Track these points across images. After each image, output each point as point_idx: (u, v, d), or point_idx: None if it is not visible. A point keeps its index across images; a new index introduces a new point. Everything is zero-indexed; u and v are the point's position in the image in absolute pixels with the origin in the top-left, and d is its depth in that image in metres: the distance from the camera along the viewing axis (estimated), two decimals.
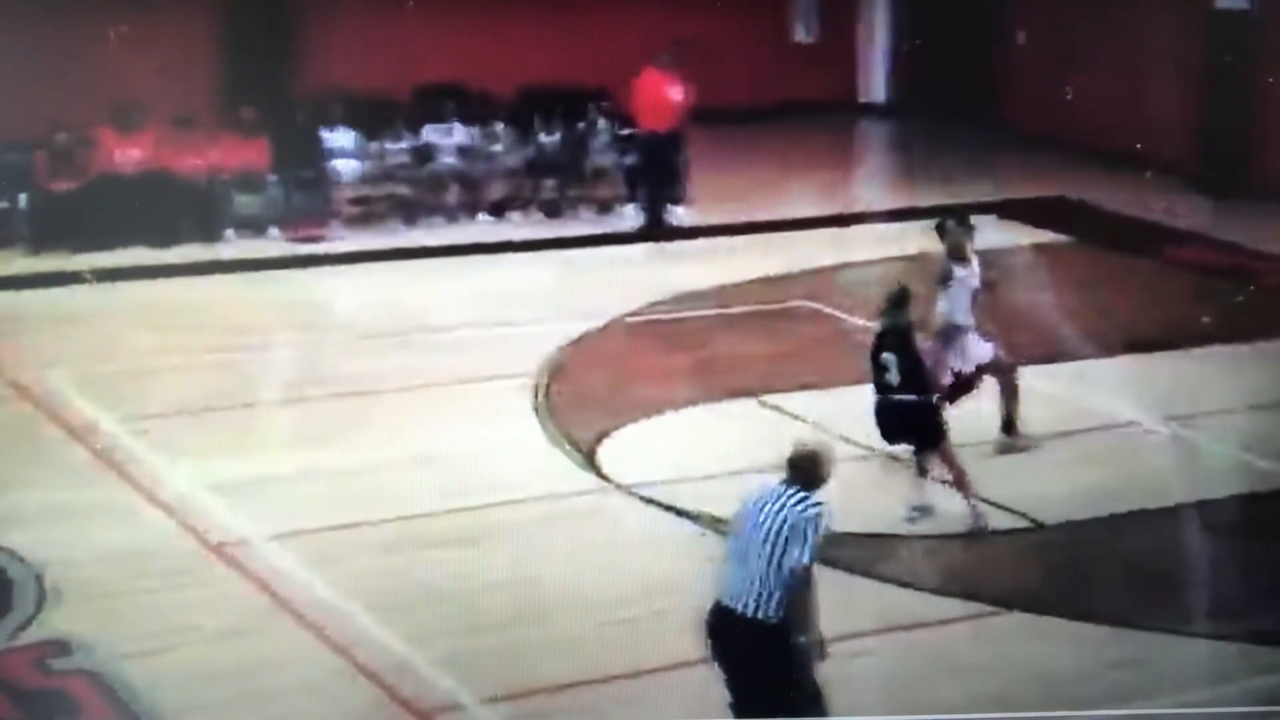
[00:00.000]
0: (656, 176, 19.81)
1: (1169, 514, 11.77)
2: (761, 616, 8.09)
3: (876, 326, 11.91)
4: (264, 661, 9.83)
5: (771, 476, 8.40)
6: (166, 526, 11.56)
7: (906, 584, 10.85)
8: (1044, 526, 11.71)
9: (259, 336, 15.37)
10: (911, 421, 11.68)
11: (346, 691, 9.56)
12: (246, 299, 16.82)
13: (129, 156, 18.60)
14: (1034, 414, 13.04)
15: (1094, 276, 17.78)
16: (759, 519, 8.16)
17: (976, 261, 12.79)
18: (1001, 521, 11.70)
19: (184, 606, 10.45)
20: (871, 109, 25.92)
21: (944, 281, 12.55)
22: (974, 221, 13.11)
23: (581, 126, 20.46)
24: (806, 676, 8.23)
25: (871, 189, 22.52)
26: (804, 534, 8.08)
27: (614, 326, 16.03)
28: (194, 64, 20.71)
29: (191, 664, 9.76)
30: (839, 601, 8.94)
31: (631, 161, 20.18)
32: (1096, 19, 22.35)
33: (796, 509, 8.13)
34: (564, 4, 22.32)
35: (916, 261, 15.53)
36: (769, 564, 8.07)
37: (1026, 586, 10.92)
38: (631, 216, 19.95)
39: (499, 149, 20.12)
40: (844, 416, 12.48)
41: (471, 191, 19.89)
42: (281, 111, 20.09)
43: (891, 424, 11.77)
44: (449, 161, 19.88)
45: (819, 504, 8.18)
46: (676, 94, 19.42)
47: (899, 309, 11.71)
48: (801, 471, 8.27)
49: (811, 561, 8.10)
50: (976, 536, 11.53)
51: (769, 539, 8.09)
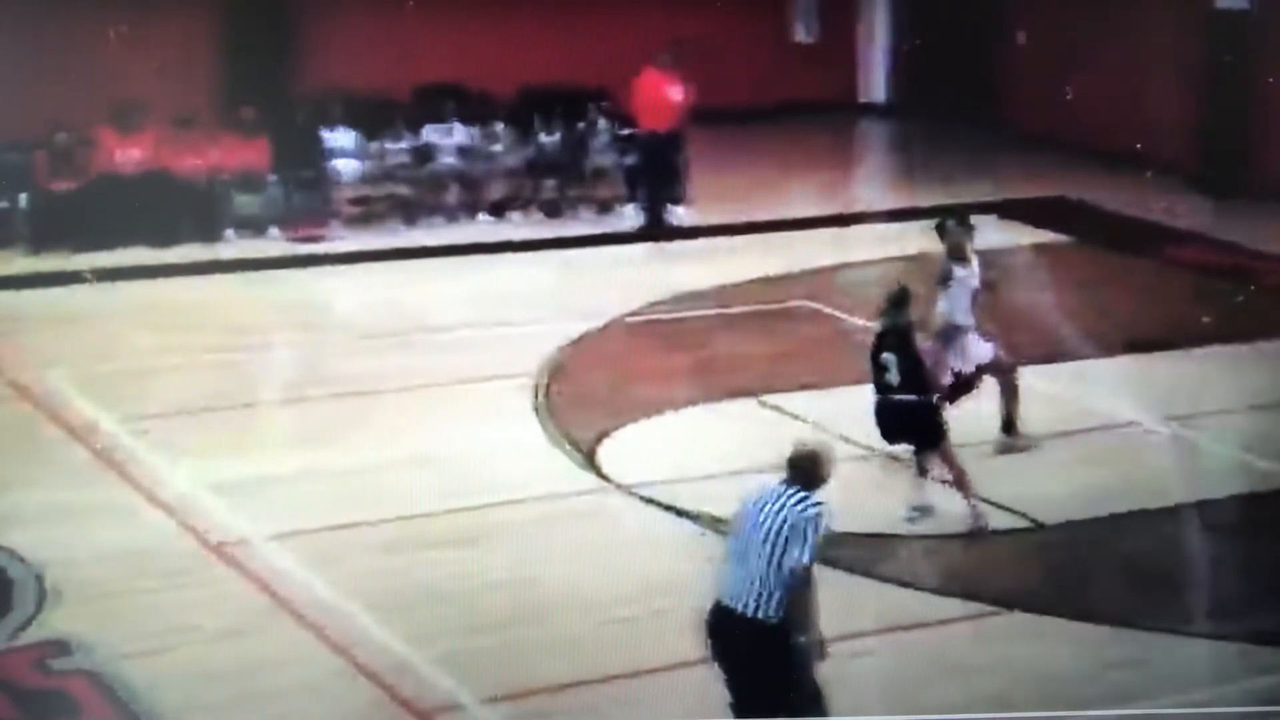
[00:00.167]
0: (656, 176, 19.80)
1: (1169, 514, 11.76)
2: (761, 616, 8.09)
3: (876, 326, 11.91)
4: (264, 661, 9.83)
5: (771, 476, 8.40)
6: (166, 526, 11.56)
7: (906, 584, 10.84)
8: (1044, 526, 11.71)
9: (259, 336, 15.37)
10: (911, 421, 11.68)
11: (346, 691, 9.55)
12: (246, 299, 16.82)
13: (129, 156, 18.59)
14: (1034, 414, 13.03)
15: (1094, 276, 17.77)
16: (759, 519, 8.16)
17: (976, 261, 12.78)
18: (1001, 521, 11.70)
19: (184, 606, 10.45)
20: (871, 109, 25.91)
21: (944, 281, 12.55)
22: (974, 221, 13.11)
23: (581, 126, 20.45)
24: (806, 676, 8.23)
25: (871, 189, 22.51)
26: (804, 534, 8.08)
27: (614, 326, 16.02)
28: (194, 64, 20.71)
29: (191, 664, 9.76)
30: (839, 601, 8.93)
31: (631, 161, 20.17)
32: (1096, 19, 22.34)
33: (796, 509, 8.13)
34: (564, 4, 22.30)
35: (916, 261, 15.53)
36: (769, 564, 8.07)
37: (1026, 586, 10.92)
38: (631, 216, 19.95)
39: (499, 149, 20.12)
40: (844, 416, 12.48)
41: (471, 191, 19.88)
42: (281, 111, 20.08)
43: (891, 424, 11.77)
44: (449, 161, 19.87)
45: (819, 504, 8.18)
46: (676, 94, 19.41)
47: (899, 309, 11.70)
48: (801, 471, 8.27)
49: (811, 561, 8.10)
50: (976, 536, 11.52)
51: (769, 539, 8.09)
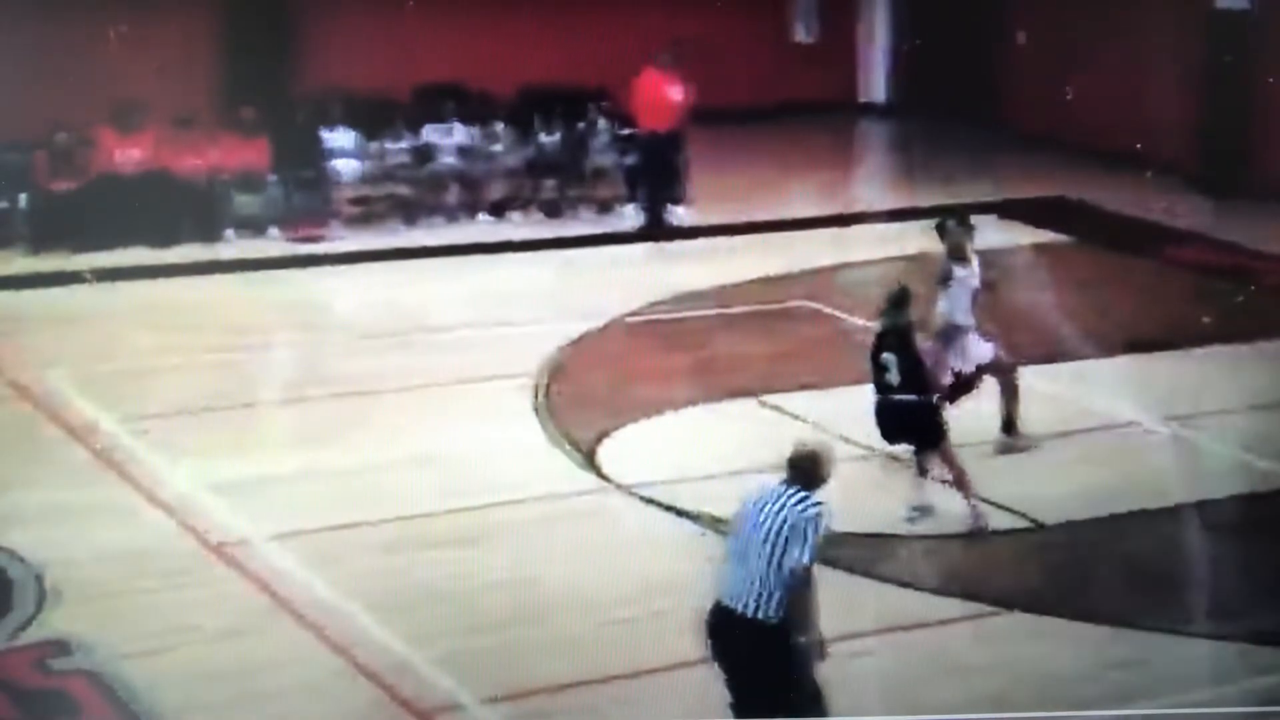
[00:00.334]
0: (656, 176, 19.79)
1: (1169, 514, 11.76)
2: (761, 616, 8.09)
3: (876, 326, 11.91)
4: (264, 661, 9.83)
5: (771, 476, 8.40)
6: (166, 526, 11.55)
7: (906, 584, 10.84)
8: (1044, 526, 11.71)
9: (259, 336, 15.37)
10: (911, 421, 11.68)
11: (346, 691, 9.55)
12: (246, 299, 16.82)
13: (129, 156, 18.59)
14: (1034, 414, 13.03)
15: (1094, 276, 17.77)
16: (759, 519, 8.16)
17: (976, 261, 12.78)
18: (1001, 521, 11.70)
19: (184, 606, 10.44)
20: (871, 109, 25.90)
21: (944, 281, 12.55)
22: (974, 221, 13.11)
23: (581, 126, 20.45)
24: (806, 676, 8.22)
25: (871, 189, 22.50)
26: (804, 534, 8.08)
27: (614, 326, 16.02)
28: (194, 64, 20.71)
29: (191, 664, 9.76)
30: (839, 601, 8.94)
31: (631, 161, 20.17)
32: (1096, 19, 22.33)
33: (796, 509, 8.13)
34: (564, 4, 22.30)
35: (916, 261, 15.53)
36: (769, 564, 8.07)
37: (1026, 586, 10.92)
38: (631, 216, 19.94)
39: (499, 149, 20.12)
40: (844, 416, 12.48)
41: (471, 191, 19.88)
42: (281, 111, 20.08)
43: (891, 424, 11.77)
44: (449, 161, 19.87)
45: (819, 504, 8.18)
46: (676, 94, 19.41)
47: (899, 309, 11.70)
48: (801, 471, 8.27)
49: (811, 561, 8.10)
50: (976, 536, 11.52)
51: (769, 539, 8.09)
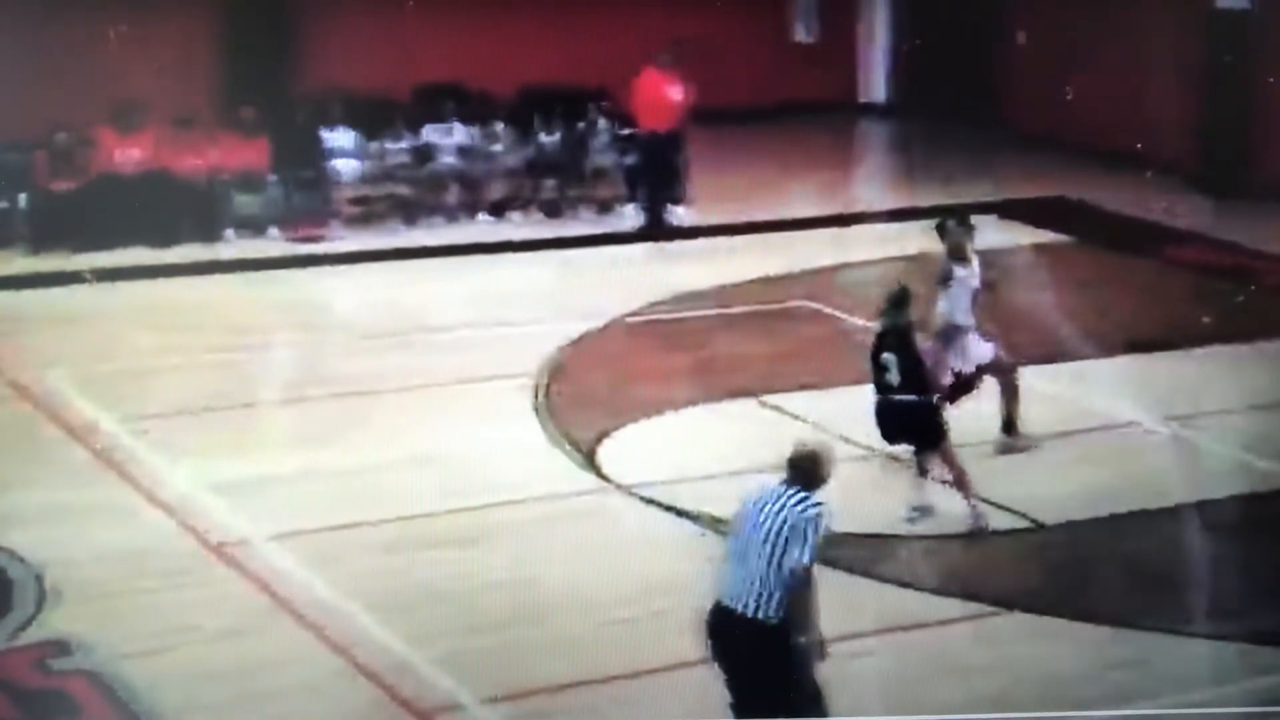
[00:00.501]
0: (656, 176, 19.79)
1: (1169, 514, 11.76)
2: (761, 617, 8.09)
3: (876, 326, 11.91)
4: (264, 661, 9.83)
5: (771, 476, 8.40)
6: (166, 526, 11.55)
7: (906, 584, 10.84)
8: (1044, 526, 11.71)
9: (259, 336, 15.37)
10: (911, 421, 11.68)
11: (346, 691, 9.55)
12: (246, 299, 16.82)
13: (129, 156, 18.59)
14: (1034, 414, 13.03)
15: (1094, 276, 17.76)
16: (759, 519, 8.16)
17: (976, 261, 12.78)
18: (1001, 521, 11.69)
19: (184, 606, 10.44)
20: (871, 109, 25.90)
21: (944, 281, 12.55)
22: (974, 221, 13.11)
23: (581, 126, 20.45)
24: (806, 676, 8.22)
25: (871, 189, 22.50)
26: (804, 534, 8.07)
27: (614, 326, 16.02)
28: (194, 64, 20.71)
29: (191, 664, 9.76)
30: (839, 601, 8.94)
31: (631, 161, 20.17)
32: (1096, 19, 22.33)
33: (796, 509, 8.13)
34: (564, 4, 22.30)
35: (916, 261, 15.52)
36: (769, 564, 8.07)
37: (1026, 586, 10.92)
38: (631, 216, 19.95)
39: (499, 149, 20.12)
40: (844, 416, 12.47)
41: (471, 191, 19.88)
42: (281, 111, 20.08)
43: (891, 424, 11.77)
44: (449, 161, 19.87)
45: (819, 504, 8.18)
46: (676, 94, 19.41)
47: (899, 309, 11.70)
48: (801, 471, 8.27)
49: (811, 562, 8.09)
50: (976, 536, 11.52)
51: (769, 539, 8.09)
